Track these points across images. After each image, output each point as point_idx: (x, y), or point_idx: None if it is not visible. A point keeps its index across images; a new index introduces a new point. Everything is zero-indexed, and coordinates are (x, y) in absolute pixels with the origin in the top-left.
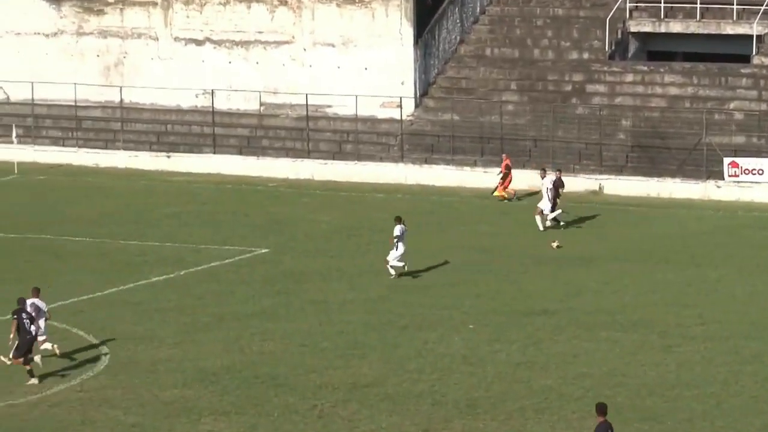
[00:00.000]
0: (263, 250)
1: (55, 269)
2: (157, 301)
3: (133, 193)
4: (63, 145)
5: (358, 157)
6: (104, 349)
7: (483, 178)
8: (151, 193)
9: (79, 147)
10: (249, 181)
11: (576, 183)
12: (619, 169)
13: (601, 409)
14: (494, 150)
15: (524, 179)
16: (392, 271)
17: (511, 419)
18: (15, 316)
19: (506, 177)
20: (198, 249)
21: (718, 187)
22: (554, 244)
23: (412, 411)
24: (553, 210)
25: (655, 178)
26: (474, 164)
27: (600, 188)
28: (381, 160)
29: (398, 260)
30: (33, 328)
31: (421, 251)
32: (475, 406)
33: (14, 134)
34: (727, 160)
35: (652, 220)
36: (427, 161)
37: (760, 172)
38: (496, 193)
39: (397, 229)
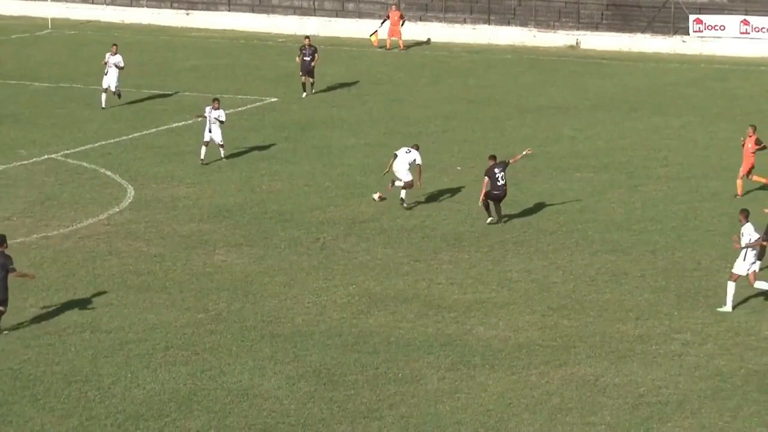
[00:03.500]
0: (273, 100)
1: (85, 116)
2: (176, 145)
3: (155, 47)
4: (93, 3)
5: (359, 15)
6: (129, 187)
7: (472, 34)
8: (172, 47)
9: (107, 4)
10: (260, 36)
11: (555, 38)
12: (594, 26)
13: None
14: (482, 8)
15: (509, 36)
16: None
17: (493, 251)
18: None
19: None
20: (213, 98)
21: (684, 42)
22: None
23: (404, 243)
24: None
25: (627, 34)
26: (464, 21)
27: (577, 43)
28: (380, 17)
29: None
30: None
31: (416, 102)
32: (461, 239)
33: None
34: (692, 17)
35: (624, 73)
36: (421, 19)
37: (722, 28)
38: (372, 37)
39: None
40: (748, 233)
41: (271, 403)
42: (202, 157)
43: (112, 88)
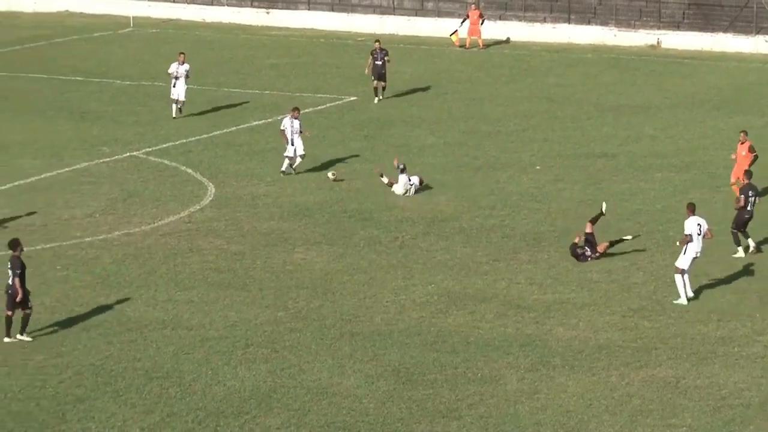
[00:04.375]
0: (352, 98)
1: (166, 114)
2: (256, 143)
3: (235, 46)
4: (174, 1)
5: (439, 14)
6: (209, 185)
7: (552, 33)
8: (252, 46)
9: (188, 3)
10: (340, 35)
11: (636, 38)
12: (676, 25)
13: None
14: (562, 8)
15: (589, 35)
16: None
17: None
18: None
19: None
20: (293, 97)
21: (767, 41)
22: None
23: (483, 243)
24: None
25: (709, 34)
26: (544, 20)
27: (658, 43)
28: (459, 16)
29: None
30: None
31: (494, 100)
32: (541, 239)
33: None
34: None
35: (705, 72)
36: (501, 18)
37: None
38: (453, 38)
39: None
40: (689, 227)
41: (350, 401)
42: (283, 168)
43: (182, 98)
